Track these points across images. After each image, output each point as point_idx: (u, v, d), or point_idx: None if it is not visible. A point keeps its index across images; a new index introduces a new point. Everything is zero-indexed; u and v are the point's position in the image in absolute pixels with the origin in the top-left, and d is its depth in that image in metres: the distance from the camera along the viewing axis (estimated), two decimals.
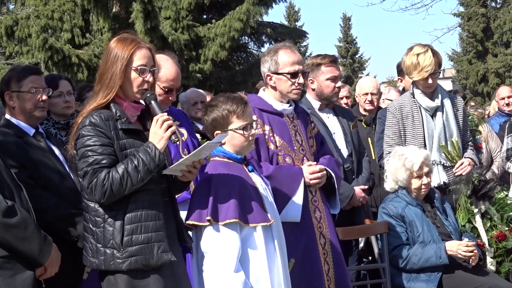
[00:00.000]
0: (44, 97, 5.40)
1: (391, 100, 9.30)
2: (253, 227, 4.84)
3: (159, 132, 4.45)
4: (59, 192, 5.19)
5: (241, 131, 5.01)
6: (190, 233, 4.92)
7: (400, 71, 8.72)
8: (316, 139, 6.22)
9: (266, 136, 5.82)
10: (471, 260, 6.69)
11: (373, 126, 8.52)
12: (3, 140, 5.13)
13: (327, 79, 7.17)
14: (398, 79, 9.06)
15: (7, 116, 5.39)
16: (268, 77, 5.98)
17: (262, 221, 4.86)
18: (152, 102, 4.60)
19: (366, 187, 7.30)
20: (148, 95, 4.60)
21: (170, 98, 5.78)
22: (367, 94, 8.88)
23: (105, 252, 4.41)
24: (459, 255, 6.64)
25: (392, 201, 6.95)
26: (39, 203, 4.94)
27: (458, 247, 6.63)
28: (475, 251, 6.68)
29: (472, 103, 14.43)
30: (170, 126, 4.46)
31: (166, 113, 4.56)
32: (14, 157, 5.04)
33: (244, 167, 5.11)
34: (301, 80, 5.95)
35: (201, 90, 10.21)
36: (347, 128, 7.36)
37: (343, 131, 7.33)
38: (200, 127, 8.62)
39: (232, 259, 4.70)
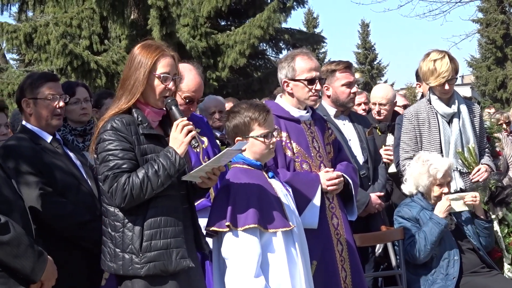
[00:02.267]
0: (61, 104, 5.36)
1: (400, 106, 9.29)
2: (273, 233, 4.83)
3: (179, 137, 4.45)
4: (76, 198, 5.17)
5: (261, 139, 5.00)
6: (210, 240, 4.94)
7: (419, 76, 8.66)
8: (334, 145, 6.20)
9: (283, 143, 5.80)
10: (471, 200, 6.87)
11: (387, 134, 8.45)
12: (19, 145, 5.14)
13: (342, 85, 7.16)
14: (417, 84, 8.98)
15: (24, 122, 5.38)
16: (285, 84, 5.96)
17: (282, 227, 4.86)
18: (173, 107, 4.59)
19: (382, 194, 7.27)
20: (169, 100, 4.60)
21: (191, 108, 5.72)
22: (375, 104, 8.78)
23: (123, 257, 4.41)
24: (451, 206, 6.80)
25: (407, 205, 6.96)
26: (55, 210, 4.97)
27: (444, 203, 6.78)
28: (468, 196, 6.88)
29: (493, 110, 14.34)
30: (190, 131, 4.45)
31: (186, 118, 4.55)
32: (30, 163, 5.05)
33: (264, 173, 5.10)
34: (318, 86, 5.93)
35: (219, 97, 10.06)
36: (363, 135, 7.33)
37: (359, 138, 7.30)
38: (218, 134, 8.61)
39: (252, 264, 4.69)
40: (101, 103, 7.33)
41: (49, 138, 5.33)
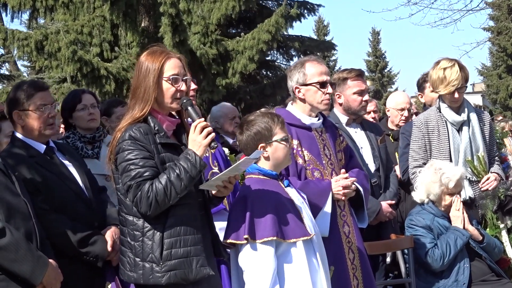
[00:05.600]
0: (53, 113, 5.26)
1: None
2: (293, 243, 4.82)
3: (198, 139, 4.44)
4: (74, 211, 5.12)
5: (284, 143, 5.00)
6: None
7: (420, 86, 8.70)
8: (345, 152, 6.19)
9: (295, 151, 5.79)
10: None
11: None
12: (15, 163, 4.98)
13: (354, 93, 7.18)
14: (419, 94, 8.97)
15: (17, 134, 5.26)
16: (297, 90, 5.95)
17: (302, 236, 4.84)
18: (189, 108, 4.59)
19: (393, 202, 7.27)
20: (185, 101, 4.60)
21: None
22: (403, 109, 8.81)
23: (143, 266, 4.40)
24: (463, 215, 6.84)
25: (419, 213, 6.94)
26: (54, 228, 4.92)
27: (456, 213, 6.87)
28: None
29: (500, 117, 14.31)
30: (209, 133, 4.44)
31: (203, 119, 4.54)
32: (27, 182, 4.91)
33: (280, 183, 5.08)
34: (330, 90, 5.93)
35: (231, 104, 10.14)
36: (375, 143, 7.34)
37: (371, 146, 7.31)
38: (230, 141, 8.63)
39: (269, 275, 4.67)
40: (111, 111, 7.33)
41: (42, 148, 5.24)
